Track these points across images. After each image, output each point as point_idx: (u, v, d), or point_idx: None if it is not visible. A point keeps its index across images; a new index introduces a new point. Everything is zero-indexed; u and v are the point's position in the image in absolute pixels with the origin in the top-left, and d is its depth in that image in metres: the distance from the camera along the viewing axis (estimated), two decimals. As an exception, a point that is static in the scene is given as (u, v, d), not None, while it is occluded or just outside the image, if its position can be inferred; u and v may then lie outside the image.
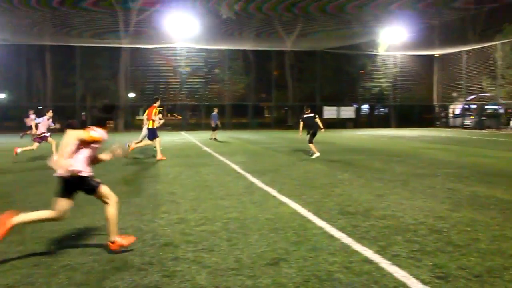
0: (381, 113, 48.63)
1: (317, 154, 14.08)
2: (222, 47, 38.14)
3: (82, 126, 4.68)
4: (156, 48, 36.60)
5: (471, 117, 39.16)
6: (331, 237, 5.25)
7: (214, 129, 24.17)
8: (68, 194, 4.61)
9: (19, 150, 13.70)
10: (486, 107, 38.56)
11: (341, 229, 5.57)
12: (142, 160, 14.05)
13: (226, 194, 8.05)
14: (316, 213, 6.41)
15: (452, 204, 7.03)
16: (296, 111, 42.74)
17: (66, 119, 34.51)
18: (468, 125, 38.33)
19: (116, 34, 36.10)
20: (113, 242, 4.73)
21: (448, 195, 7.75)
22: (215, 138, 23.67)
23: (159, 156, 14.04)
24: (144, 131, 14.78)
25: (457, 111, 41.36)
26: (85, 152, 4.65)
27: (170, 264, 4.40)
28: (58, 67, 37.71)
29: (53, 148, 13.93)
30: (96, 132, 4.65)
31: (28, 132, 23.99)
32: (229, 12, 37.14)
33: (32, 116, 24.34)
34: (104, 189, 4.73)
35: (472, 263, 4.35)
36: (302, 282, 3.92)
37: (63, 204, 4.60)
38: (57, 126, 14.70)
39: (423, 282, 3.89)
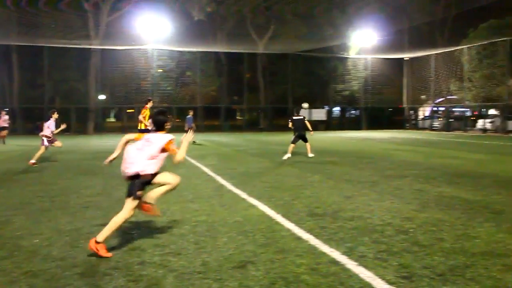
0: (352, 116, 49.27)
1: (288, 155, 14.12)
2: (194, 49, 37.92)
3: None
4: (127, 49, 36.11)
5: (439, 119, 40.07)
6: (299, 239, 5.27)
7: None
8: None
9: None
10: (453, 109, 39.45)
11: (309, 230, 5.59)
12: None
13: (195, 197, 7.99)
14: (285, 215, 6.42)
15: (419, 205, 7.15)
16: (268, 113, 42.91)
17: (34, 122, 33.86)
18: (437, 127, 39.17)
19: (86, 35, 35.49)
20: (97, 243, 4.65)
21: (415, 196, 7.87)
22: (193, 141, 23.13)
23: None
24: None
25: (427, 113, 42.24)
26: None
27: (136, 269, 4.32)
28: (25, 68, 36.77)
29: (39, 154, 13.01)
30: None
31: (4, 132, 23.19)
32: (201, 13, 36.99)
33: (6, 117, 23.59)
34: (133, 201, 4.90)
35: (436, 262, 4.43)
36: (269, 284, 3.90)
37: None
38: (64, 126, 14.01)
39: (388, 282, 3.93)
